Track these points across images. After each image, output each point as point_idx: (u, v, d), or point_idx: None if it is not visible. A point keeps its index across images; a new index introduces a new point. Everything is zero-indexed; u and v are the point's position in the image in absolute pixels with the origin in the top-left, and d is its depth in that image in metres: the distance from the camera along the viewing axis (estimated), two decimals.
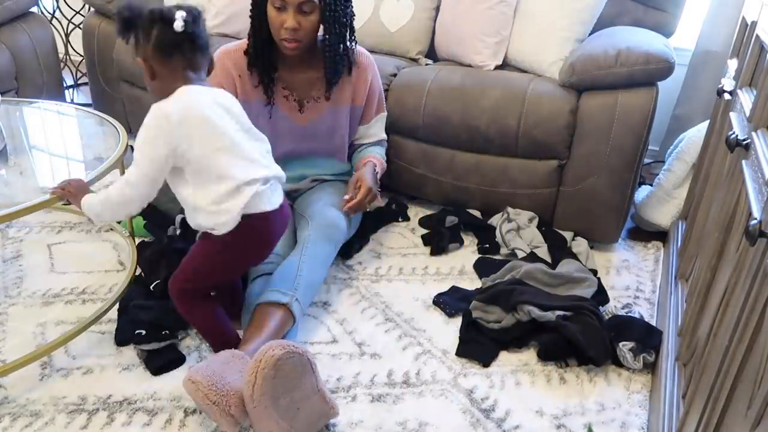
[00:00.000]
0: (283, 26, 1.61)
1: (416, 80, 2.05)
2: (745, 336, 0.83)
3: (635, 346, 1.48)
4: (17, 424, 1.28)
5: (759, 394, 0.73)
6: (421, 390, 1.41)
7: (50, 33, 2.66)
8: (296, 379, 1.20)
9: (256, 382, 1.14)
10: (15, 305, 1.64)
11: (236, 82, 1.75)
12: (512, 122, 1.91)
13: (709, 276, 1.23)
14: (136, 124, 2.57)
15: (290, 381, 1.19)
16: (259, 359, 1.16)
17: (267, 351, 1.16)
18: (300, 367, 1.20)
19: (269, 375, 1.15)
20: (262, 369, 1.14)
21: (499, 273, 1.76)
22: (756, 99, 1.16)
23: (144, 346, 1.45)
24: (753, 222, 0.80)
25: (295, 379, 1.20)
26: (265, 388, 1.15)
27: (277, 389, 1.17)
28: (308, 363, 1.22)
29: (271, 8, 1.62)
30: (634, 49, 1.80)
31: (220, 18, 2.45)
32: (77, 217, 2.06)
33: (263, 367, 1.14)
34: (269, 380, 1.15)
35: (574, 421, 1.35)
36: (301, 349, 1.20)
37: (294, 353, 1.18)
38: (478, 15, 2.13)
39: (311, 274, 1.56)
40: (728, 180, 1.26)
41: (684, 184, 2.03)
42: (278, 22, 1.62)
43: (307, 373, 1.22)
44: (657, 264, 1.97)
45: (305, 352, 1.21)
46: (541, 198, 2.00)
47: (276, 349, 1.16)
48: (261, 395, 1.15)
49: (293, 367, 1.18)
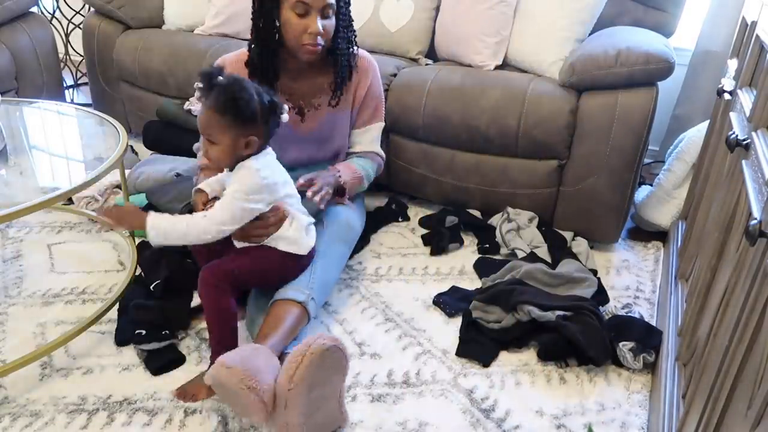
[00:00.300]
0: (307, 31, 1.58)
1: (416, 80, 2.05)
2: (745, 336, 0.83)
3: (635, 346, 1.48)
4: (17, 424, 1.28)
5: (759, 394, 0.73)
6: (421, 390, 1.41)
7: (50, 33, 2.66)
8: (332, 374, 1.23)
9: (302, 363, 1.15)
10: (15, 305, 1.64)
11: None
12: (512, 122, 1.91)
13: (709, 276, 1.23)
14: (136, 124, 2.59)
15: (327, 374, 1.21)
16: (308, 344, 1.17)
17: (318, 339, 1.18)
18: (339, 364, 1.23)
19: (315, 361, 1.16)
20: (311, 353, 1.16)
21: (499, 273, 1.76)
22: (756, 99, 1.16)
23: (144, 346, 1.45)
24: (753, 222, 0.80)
25: (331, 375, 1.22)
26: (308, 373, 1.16)
27: (316, 378, 1.18)
28: (346, 364, 1.25)
29: (291, 14, 1.57)
30: (634, 49, 1.80)
31: (220, 18, 2.45)
32: (77, 217, 2.06)
33: (312, 351, 1.16)
34: (313, 367, 1.16)
35: (574, 421, 1.35)
36: (342, 344, 1.23)
37: (340, 350, 1.21)
38: (478, 15, 2.13)
39: (326, 274, 1.56)
40: (728, 180, 1.26)
41: (684, 184, 2.03)
42: (300, 28, 1.58)
43: (340, 373, 1.25)
44: (657, 264, 1.97)
45: (345, 349, 1.24)
46: (541, 198, 2.00)
47: (327, 339, 1.19)
48: (302, 379, 1.15)
49: (335, 361, 1.21)
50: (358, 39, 1.81)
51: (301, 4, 1.56)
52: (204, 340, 1.54)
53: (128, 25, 2.57)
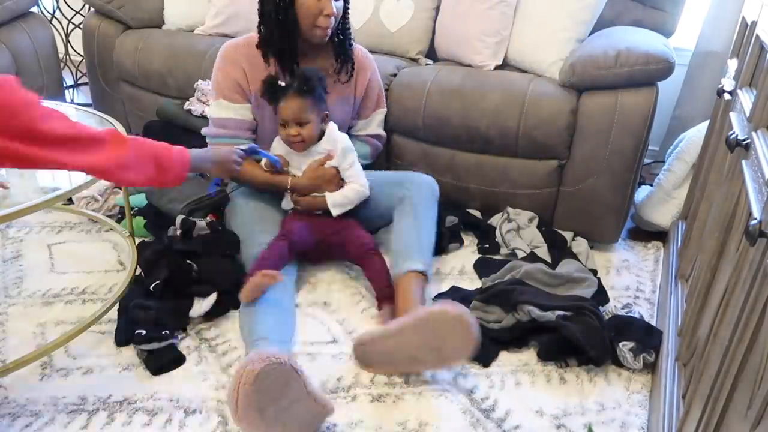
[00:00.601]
0: (323, 13, 1.65)
1: (416, 80, 2.05)
2: (745, 336, 0.83)
3: (635, 346, 1.48)
4: (17, 424, 1.28)
5: (759, 394, 0.73)
6: (421, 390, 1.41)
7: (50, 33, 2.66)
8: (281, 388, 1.18)
9: (239, 398, 1.13)
10: (15, 305, 1.64)
11: (247, 75, 1.76)
12: (512, 122, 1.91)
13: (709, 276, 1.23)
14: (136, 124, 2.59)
15: (274, 392, 1.17)
16: (240, 374, 1.14)
17: (247, 366, 1.15)
18: (283, 377, 1.18)
19: (251, 390, 1.13)
20: (243, 385, 1.13)
21: (499, 273, 1.76)
22: (756, 99, 1.16)
23: (144, 346, 1.45)
24: (753, 222, 0.80)
25: (280, 389, 1.18)
26: (248, 402, 1.13)
27: (261, 401, 1.15)
28: (292, 371, 1.19)
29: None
30: (634, 50, 1.80)
31: (220, 18, 2.45)
32: (77, 217, 2.06)
33: (244, 383, 1.13)
34: (251, 395, 1.13)
35: (574, 421, 1.35)
36: (283, 358, 1.18)
37: (274, 365, 1.16)
38: (478, 15, 2.13)
39: (429, 237, 1.71)
40: (728, 180, 1.26)
41: (684, 184, 2.03)
42: (316, 10, 1.64)
43: (291, 381, 1.20)
44: (657, 264, 1.97)
45: (287, 360, 1.19)
46: (541, 198, 2.00)
47: (256, 363, 1.14)
48: (245, 409, 1.14)
49: (275, 378, 1.17)
50: (358, 38, 1.82)
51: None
52: (204, 340, 1.54)
53: (128, 25, 2.56)
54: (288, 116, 1.67)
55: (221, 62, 1.78)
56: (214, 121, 1.80)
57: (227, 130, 1.78)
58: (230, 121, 1.77)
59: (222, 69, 1.77)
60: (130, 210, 1.82)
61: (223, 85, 1.76)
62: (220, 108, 1.78)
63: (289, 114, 1.67)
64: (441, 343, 1.33)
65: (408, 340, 1.36)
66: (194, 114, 2.19)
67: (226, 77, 1.76)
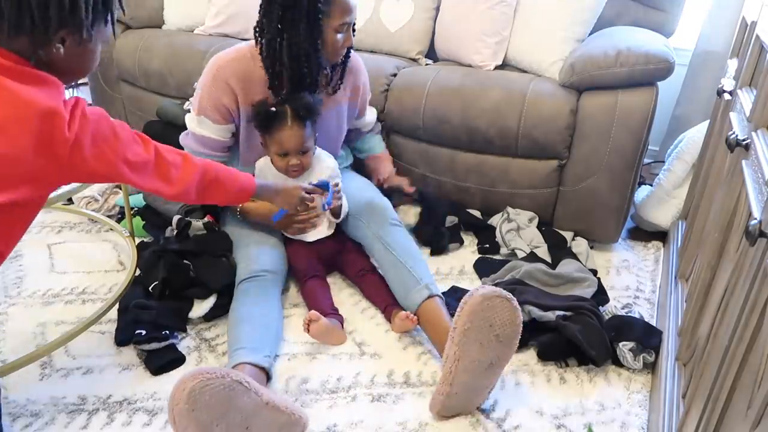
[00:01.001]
0: (345, 45, 1.66)
1: (416, 80, 2.05)
2: (745, 336, 0.83)
3: (635, 346, 1.48)
4: (17, 424, 1.28)
5: (759, 394, 0.73)
6: (422, 390, 1.41)
7: None
8: (225, 403, 1.11)
9: (176, 419, 1.08)
10: (15, 305, 1.64)
11: (237, 96, 1.66)
12: (512, 122, 1.91)
13: (709, 276, 1.23)
14: (136, 124, 2.58)
15: (217, 407, 1.11)
16: (173, 395, 1.09)
17: (179, 386, 1.09)
18: (224, 391, 1.11)
19: (185, 409, 1.07)
20: (176, 405, 1.08)
21: (499, 273, 1.76)
22: (756, 99, 1.16)
23: (144, 346, 1.45)
24: (753, 222, 0.80)
25: (224, 404, 1.11)
26: (186, 422, 1.08)
27: (203, 419, 1.09)
28: (234, 384, 1.13)
29: (333, 34, 1.61)
30: (634, 49, 1.80)
31: (220, 18, 2.45)
32: (77, 217, 2.06)
33: (176, 403, 1.08)
34: (188, 414, 1.08)
35: (574, 421, 1.35)
36: (220, 372, 1.12)
37: (210, 380, 1.10)
38: (478, 15, 2.13)
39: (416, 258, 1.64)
40: (728, 180, 1.26)
41: (684, 184, 2.03)
42: (340, 44, 1.64)
43: (237, 394, 1.13)
44: (657, 264, 1.97)
45: (226, 374, 1.12)
46: (541, 198, 2.00)
47: (188, 381, 1.08)
48: (185, 429, 1.08)
49: (214, 393, 1.10)
50: (358, 38, 1.82)
51: (345, 24, 1.62)
52: (204, 340, 1.54)
53: (128, 25, 2.56)
54: (291, 147, 1.63)
55: (210, 82, 1.65)
56: (192, 135, 1.72)
57: (203, 149, 1.70)
58: (208, 140, 1.70)
59: (209, 89, 1.66)
60: (130, 210, 1.83)
61: (207, 105, 1.66)
62: (200, 124, 1.69)
63: (292, 145, 1.63)
64: (494, 328, 1.28)
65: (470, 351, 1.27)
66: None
67: (212, 98, 1.65)
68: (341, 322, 1.58)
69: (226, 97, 1.65)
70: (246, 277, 1.57)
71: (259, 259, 1.61)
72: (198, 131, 1.70)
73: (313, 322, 1.46)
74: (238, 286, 1.56)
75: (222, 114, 1.67)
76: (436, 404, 1.32)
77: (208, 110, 1.67)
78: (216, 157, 1.71)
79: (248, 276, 1.57)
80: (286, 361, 1.48)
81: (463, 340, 1.26)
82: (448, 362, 1.27)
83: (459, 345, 1.26)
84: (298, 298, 1.70)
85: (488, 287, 1.29)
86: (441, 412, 1.32)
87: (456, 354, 1.26)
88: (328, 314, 1.53)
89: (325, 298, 1.64)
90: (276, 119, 1.61)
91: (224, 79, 1.64)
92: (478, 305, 1.26)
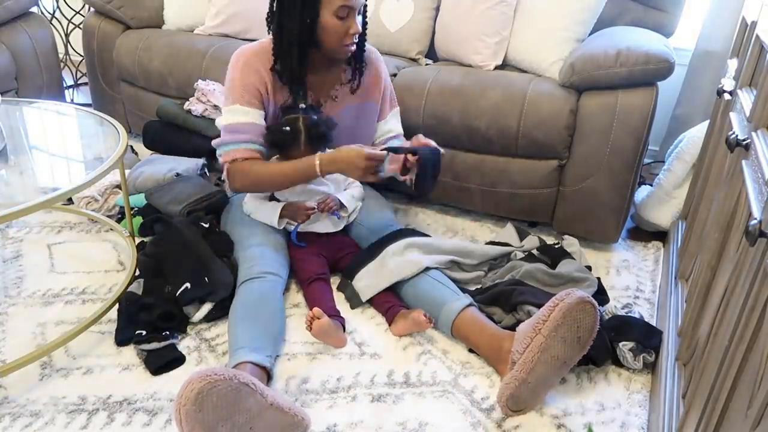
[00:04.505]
0: (349, 33, 1.61)
1: (416, 80, 2.05)
2: (745, 336, 0.83)
3: (635, 346, 1.48)
4: (17, 424, 1.28)
5: (759, 394, 0.73)
6: (422, 390, 1.41)
7: (50, 33, 2.66)
8: (231, 405, 1.13)
9: (182, 419, 1.10)
10: (15, 305, 1.64)
11: (266, 83, 1.68)
12: (512, 122, 1.91)
13: (709, 276, 1.23)
14: (136, 124, 2.59)
15: (223, 409, 1.12)
16: (180, 395, 1.11)
17: (187, 386, 1.11)
18: (231, 393, 1.13)
19: (192, 410, 1.09)
20: (184, 406, 1.09)
21: (499, 273, 1.76)
22: (756, 99, 1.16)
23: (144, 346, 1.45)
24: (753, 222, 0.80)
25: (230, 405, 1.13)
26: (193, 422, 1.10)
27: (208, 420, 1.11)
28: (241, 386, 1.14)
29: (333, 19, 1.58)
30: (634, 49, 1.80)
31: (220, 18, 2.45)
32: (77, 217, 2.06)
33: (184, 404, 1.09)
34: (195, 415, 1.09)
35: (574, 421, 1.35)
36: (228, 374, 1.13)
37: (218, 381, 1.11)
38: (478, 15, 2.13)
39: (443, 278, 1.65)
40: (728, 180, 1.26)
41: (684, 184, 2.03)
42: (343, 30, 1.61)
43: (243, 396, 1.15)
44: (657, 264, 1.97)
45: (234, 376, 1.14)
46: (541, 198, 2.00)
47: (196, 382, 1.10)
48: (191, 430, 1.10)
49: (221, 395, 1.12)
50: None
51: (345, 8, 1.58)
52: (204, 340, 1.54)
53: (128, 25, 2.57)
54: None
55: (241, 71, 1.67)
56: (228, 128, 1.68)
57: (244, 135, 1.68)
58: (248, 125, 1.68)
59: (241, 77, 1.67)
60: (130, 210, 1.83)
61: (241, 93, 1.67)
62: (235, 114, 1.68)
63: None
64: (579, 330, 1.32)
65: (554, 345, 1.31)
66: (194, 114, 2.19)
67: (245, 85, 1.67)
68: (343, 325, 1.57)
69: (259, 83, 1.68)
70: (248, 277, 1.57)
71: (261, 260, 1.61)
72: (236, 120, 1.68)
73: (316, 319, 1.46)
74: (240, 287, 1.56)
75: (257, 98, 1.69)
76: (507, 389, 1.32)
77: (245, 96, 1.67)
78: (257, 144, 1.69)
79: (250, 277, 1.57)
80: (287, 361, 1.48)
81: (552, 333, 1.29)
82: (530, 352, 1.30)
83: (547, 337, 1.29)
84: (298, 298, 1.70)
85: (581, 292, 1.33)
86: (509, 401, 1.32)
87: (542, 345, 1.29)
88: (330, 316, 1.53)
89: (327, 299, 1.63)
90: (289, 139, 1.67)
91: (254, 67, 1.68)
92: (575, 305, 1.30)
